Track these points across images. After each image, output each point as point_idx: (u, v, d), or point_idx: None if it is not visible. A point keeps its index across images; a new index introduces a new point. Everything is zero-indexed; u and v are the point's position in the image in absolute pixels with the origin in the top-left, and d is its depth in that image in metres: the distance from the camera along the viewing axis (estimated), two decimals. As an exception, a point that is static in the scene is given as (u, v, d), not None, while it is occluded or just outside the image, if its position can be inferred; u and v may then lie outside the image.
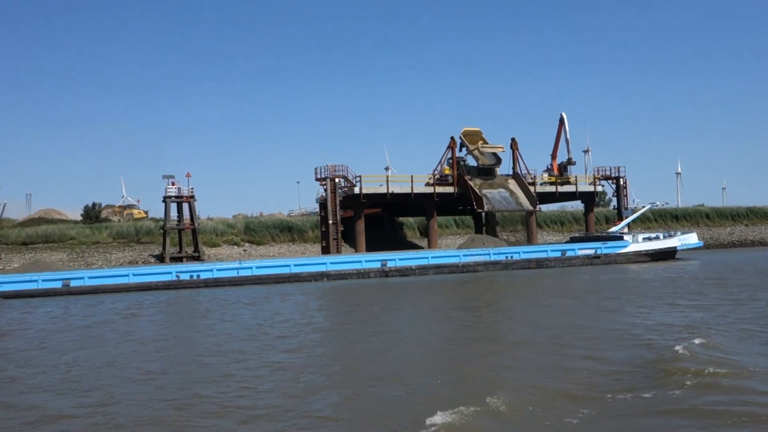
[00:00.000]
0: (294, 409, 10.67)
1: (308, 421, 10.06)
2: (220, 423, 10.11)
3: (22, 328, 22.70)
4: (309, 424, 9.97)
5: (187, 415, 10.59)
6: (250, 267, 40.65)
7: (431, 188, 52.46)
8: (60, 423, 10.41)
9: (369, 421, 9.99)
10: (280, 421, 10.12)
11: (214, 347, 16.95)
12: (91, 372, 14.14)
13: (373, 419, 10.05)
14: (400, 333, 18.51)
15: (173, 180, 56.65)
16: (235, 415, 10.52)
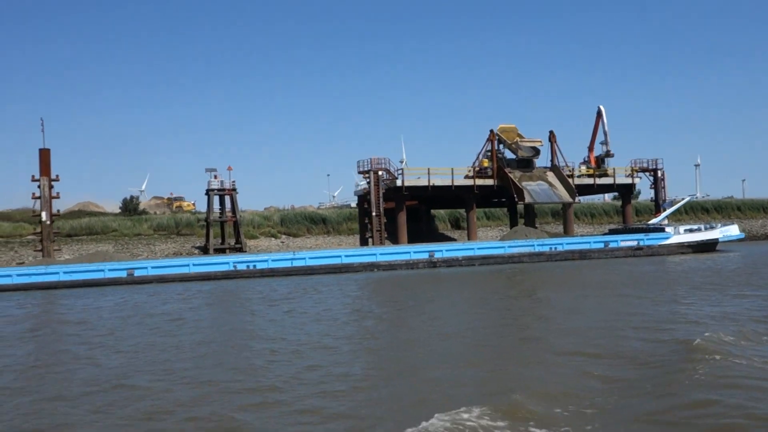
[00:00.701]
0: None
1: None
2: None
3: (154, 313, 23.78)
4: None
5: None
6: (303, 258, 41.73)
7: (471, 181, 53.24)
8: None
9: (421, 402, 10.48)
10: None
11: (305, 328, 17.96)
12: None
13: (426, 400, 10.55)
14: (465, 321, 19.27)
15: (215, 173, 57.87)
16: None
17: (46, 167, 44.41)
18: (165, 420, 9.72)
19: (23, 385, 12.35)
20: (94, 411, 10.30)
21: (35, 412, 10.39)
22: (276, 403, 10.47)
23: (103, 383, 12.11)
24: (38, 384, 12.34)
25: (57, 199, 45.92)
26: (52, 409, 10.51)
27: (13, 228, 65.38)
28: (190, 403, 10.52)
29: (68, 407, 10.57)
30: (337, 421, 9.47)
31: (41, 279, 36.68)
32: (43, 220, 44.17)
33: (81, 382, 12.26)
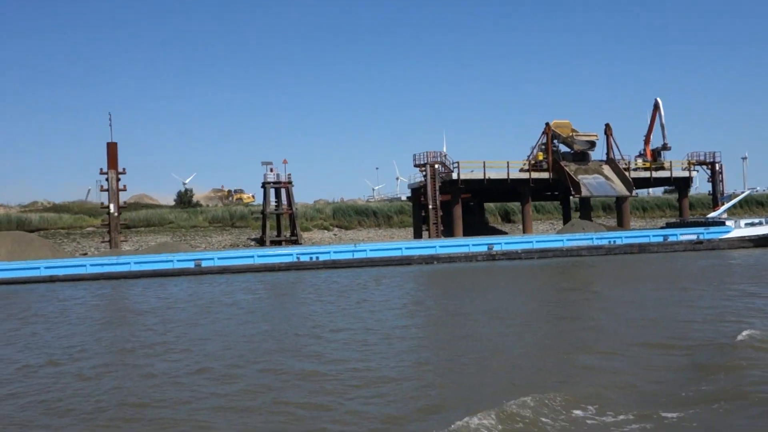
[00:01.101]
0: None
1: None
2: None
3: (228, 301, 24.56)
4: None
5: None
6: (365, 250, 42.26)
7: (526, 174, 53.20)
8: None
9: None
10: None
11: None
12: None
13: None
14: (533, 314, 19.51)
15: (271, 166, 58.77)
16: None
17: (113, 160, 45.80)
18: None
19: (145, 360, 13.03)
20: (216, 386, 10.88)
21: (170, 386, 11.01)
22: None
23: (218, 367, 12.69)
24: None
25: (123, 191, 47.30)
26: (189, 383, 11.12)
27: (73, 220, 67.41)
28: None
29: (193, 387, 11.16)
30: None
31: (113, 269, 37.88)
32: (111, 211, 45.55)
33: (218, 362, 12.86)
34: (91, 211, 72.83)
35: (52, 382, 11.77)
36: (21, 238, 41.00)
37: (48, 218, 66.02)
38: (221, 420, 9.27)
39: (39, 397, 10.81)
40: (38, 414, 9.84)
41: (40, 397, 10.76)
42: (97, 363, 13.38)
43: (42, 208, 75.37)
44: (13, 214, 66.01)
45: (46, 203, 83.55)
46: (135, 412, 9.74)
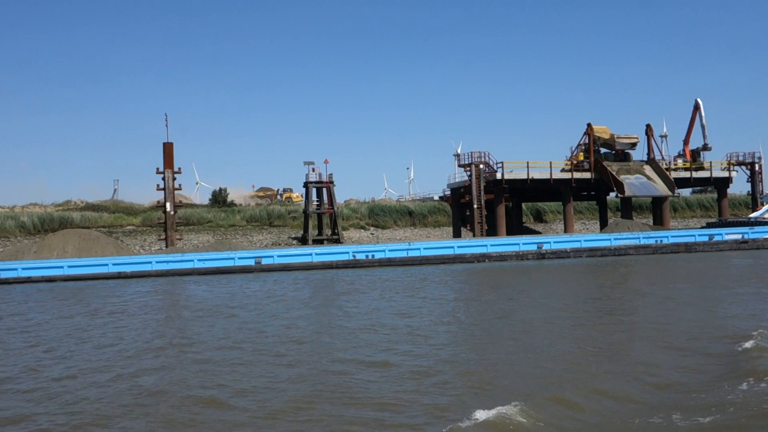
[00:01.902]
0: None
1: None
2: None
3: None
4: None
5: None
6: (418, 248, 43.00)
7: (568, 174, 53.80)
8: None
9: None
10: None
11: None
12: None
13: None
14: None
15: (313, 166, 59.64)
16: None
17: (169, 160, 46.69)
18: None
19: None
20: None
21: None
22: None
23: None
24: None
25: (179, 190, 48.15)
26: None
27: (113, 218, 68.45)
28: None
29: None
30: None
31: (177, 266, 38.72)
32: (167, 210, 46.45)
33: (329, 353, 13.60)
34: (128, 209, 73.98)
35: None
36: (87, 235, 41.92)
37: (89, 217, 67.00)
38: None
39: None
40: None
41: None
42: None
43: (76, 207, 76.38)
44: (55, 213, 67.03)
45: (79, 202, 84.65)
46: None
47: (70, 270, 36.91)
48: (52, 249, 39.25)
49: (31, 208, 76.48)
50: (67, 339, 16.02)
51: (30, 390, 10.91)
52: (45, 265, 36.97)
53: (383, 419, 8.92)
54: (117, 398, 10.20)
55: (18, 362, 13.30)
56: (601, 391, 9.92)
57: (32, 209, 74.67)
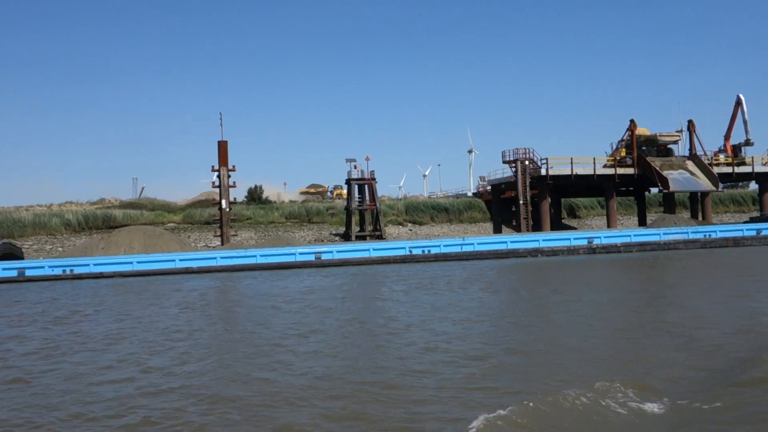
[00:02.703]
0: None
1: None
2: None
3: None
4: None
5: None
6: (472, 243, 43.69)
7: (611, 170, 54.30)
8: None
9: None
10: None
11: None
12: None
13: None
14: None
15: (355, 163, 60.47)
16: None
17: (224, 158, 47.54)
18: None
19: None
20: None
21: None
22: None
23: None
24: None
25: (233, 188, 49.00)
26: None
27: (154, 216, 69.42)
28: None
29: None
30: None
31: (241, 261, 39.58)
32: (223, 207, 47.30)
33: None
34: (166, 207, 75.00)
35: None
36: (151, 232, 42.84)
37: (130, 215, 68.00)
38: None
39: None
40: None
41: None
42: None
43: (111, 205, 77.45)
44: (98, 211, 68.07)
45: (113, 200, 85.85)
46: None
47: (139, 266, 37.83)
48: (119, 245, 40.16)
49: (68, 206, 77.58)
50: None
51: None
52: (116, 261, 37.90)
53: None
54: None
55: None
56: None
57: (69, 207, 75.75)
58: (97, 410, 9.15)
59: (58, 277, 36.34)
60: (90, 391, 10.24)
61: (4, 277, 35.87)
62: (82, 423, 8.65)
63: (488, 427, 7.43)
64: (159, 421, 8.58)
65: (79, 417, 8.91)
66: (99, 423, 8.61)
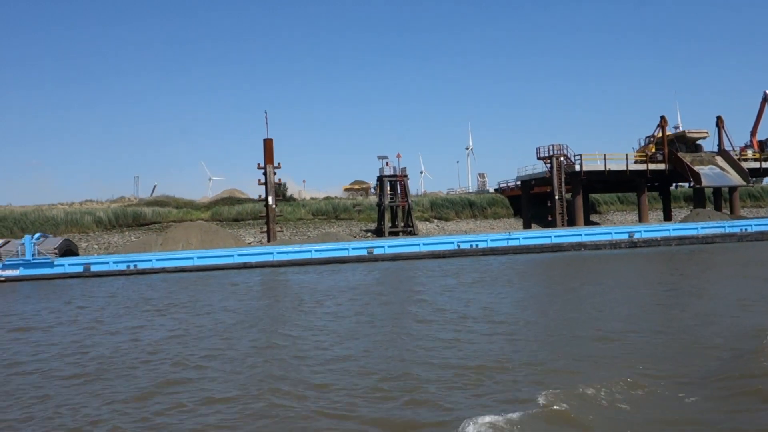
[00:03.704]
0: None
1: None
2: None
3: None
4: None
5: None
6: (518, 238, 44.58)
7: (643, 165, 55.28)
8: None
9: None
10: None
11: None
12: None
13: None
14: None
15: (387, 160, 61.18)
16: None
17: (270, 155, 48.20)
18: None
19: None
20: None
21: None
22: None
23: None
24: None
25: (278, 184, 49.60)
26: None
27: (183, 213, 69.96)
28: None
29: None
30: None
31: (297, 257, 40.32)
32: (270, 204, 47.94)
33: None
34: (190, 204, 75.58)
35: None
36: (207, 228, 43.52)
37: (159, 212, 68.53)
38: None
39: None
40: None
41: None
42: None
43: (130, 203, 77.94)
44: (128, 209, 68.54)
45: (133, 198, 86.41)
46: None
47: (200, 261, 38.52)
48: (176, 241, 40.83)
49: (89, 204, 78.10)
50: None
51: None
52: (177, 257, 38.59)
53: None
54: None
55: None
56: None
57: (90, 206, 76.23)
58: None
59: (122, 272, 37.01)
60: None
61: (71, 272, 36.50)
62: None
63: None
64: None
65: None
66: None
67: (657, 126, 56.52)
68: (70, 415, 9.02)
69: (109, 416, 8.91)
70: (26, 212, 65.39)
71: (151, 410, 9.12)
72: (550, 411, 8.07)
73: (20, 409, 9.43)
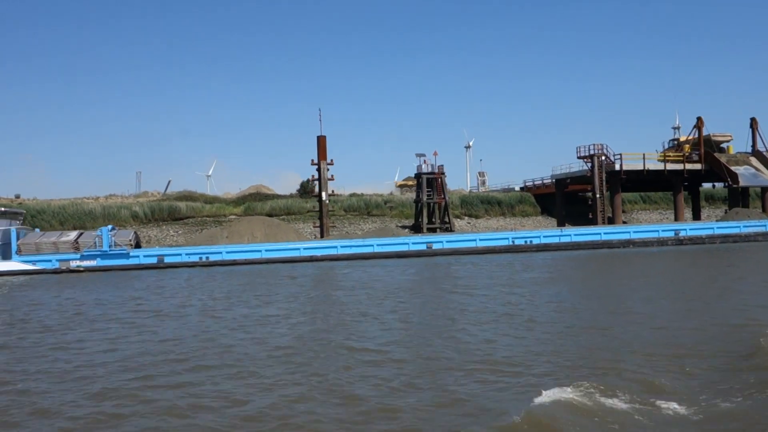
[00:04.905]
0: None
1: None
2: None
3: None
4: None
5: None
6: (569, 234, 45.63)
7: (680, 165, 56.45)
8: None
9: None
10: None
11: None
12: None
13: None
14: None
15: (425, 158, 62.06)
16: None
17: (323, 152, 48.97)
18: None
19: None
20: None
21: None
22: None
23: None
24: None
25: (332, 180, 50.41)
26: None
27: (216, 209, 70.64)
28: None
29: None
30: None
31: (359, 251, 41.18)
32: (323, 199, 48.68)
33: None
34: (217, 199, 76.24)
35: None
36: (270, 222, 44.28)
37: (193, 206, 69.23)
38: None
39: None
40: None
41: None
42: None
43: (155, 198, 78.45)
44: (163, 203, 69.12)
45: (156, 193, 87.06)
46: None
47: (267, 254, 39.32)
48: (242, 235, 41.56)
49: (114, 199, 78.71)
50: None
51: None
52: (246, 249, 39.32)
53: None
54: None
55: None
56: None
57: (114, 200, 76.88)
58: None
59: (194, 263, 37.74)
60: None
61: (146, 263, 37.19)
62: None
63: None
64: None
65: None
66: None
67: (693, 127, 57.70)
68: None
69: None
70: (64, 206, 65.94)
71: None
72: None
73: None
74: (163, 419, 8.38)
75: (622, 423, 7.71)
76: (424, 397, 8.99)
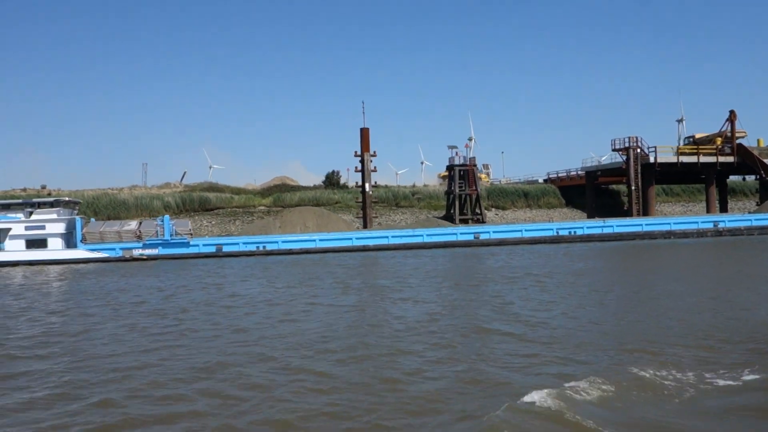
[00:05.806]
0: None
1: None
2: None
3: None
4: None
5: None
6: (612, 226, 46.25)
7: (713, 158, 57.02)
8: None
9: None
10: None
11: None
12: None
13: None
14: None
15: (457, 150, 62.51)
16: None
17: (366, 144, 49.45)
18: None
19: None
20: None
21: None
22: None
23: None
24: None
25: (374, 172, 50.90)
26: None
27: (246, 200, 71.16)
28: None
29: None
30: None
31: (410, 240, 41.82)
32: (367, 191, 49.22)
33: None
34: (242, 191, 76.76)
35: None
36: (320, 212, 44.86)
37: (223, 198, 69.77)
38: None
39: None
40: None
41: None
42: None
43: (177, 188, 78.87)
44: (194, 194, 69.59)
45: (177, 184, 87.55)
46: None
47: (321, 243, 39.90)
48: (294, 225, 42.12)
49: (138, 189, 79.22)
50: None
51: None
52: (301, 239, 39.91)
53: None
54: None
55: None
56: None
57: (138, 191, 77.38)
58: None
59: (252, 252, 38.32)
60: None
61: (205, 252, 37.77)
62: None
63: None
64: None
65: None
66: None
67: (726, 120, 58.20)
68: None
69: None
70: (97, 196, 66.50)
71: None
72: None
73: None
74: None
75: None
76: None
